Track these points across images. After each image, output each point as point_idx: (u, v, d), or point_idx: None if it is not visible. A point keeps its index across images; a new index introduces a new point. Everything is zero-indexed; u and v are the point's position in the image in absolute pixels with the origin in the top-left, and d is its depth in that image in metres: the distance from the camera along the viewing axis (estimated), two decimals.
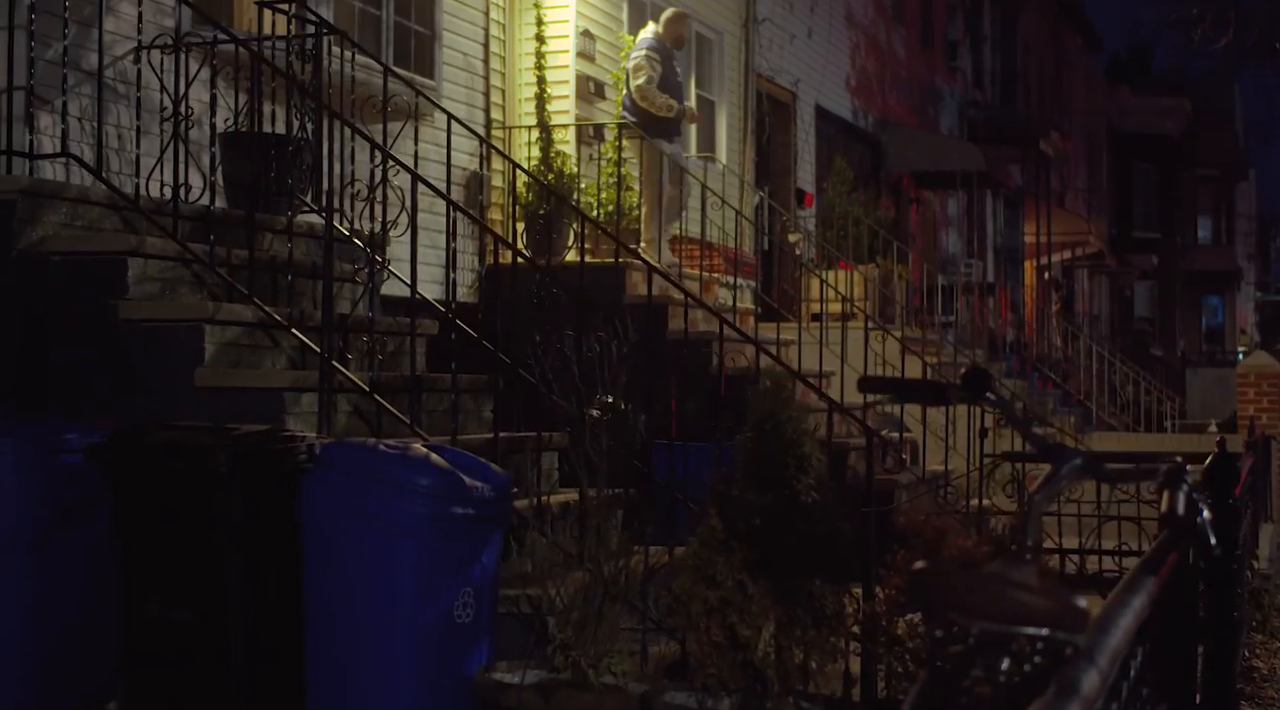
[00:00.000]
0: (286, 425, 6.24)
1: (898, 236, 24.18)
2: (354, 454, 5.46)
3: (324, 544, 5.40)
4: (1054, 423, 21.58)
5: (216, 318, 6.57)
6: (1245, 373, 17.51)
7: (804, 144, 20.08)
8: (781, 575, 5.03)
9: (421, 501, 5.27)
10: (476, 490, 5.43)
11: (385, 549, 5.29)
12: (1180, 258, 50.10)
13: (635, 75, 13.22)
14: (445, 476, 5.35)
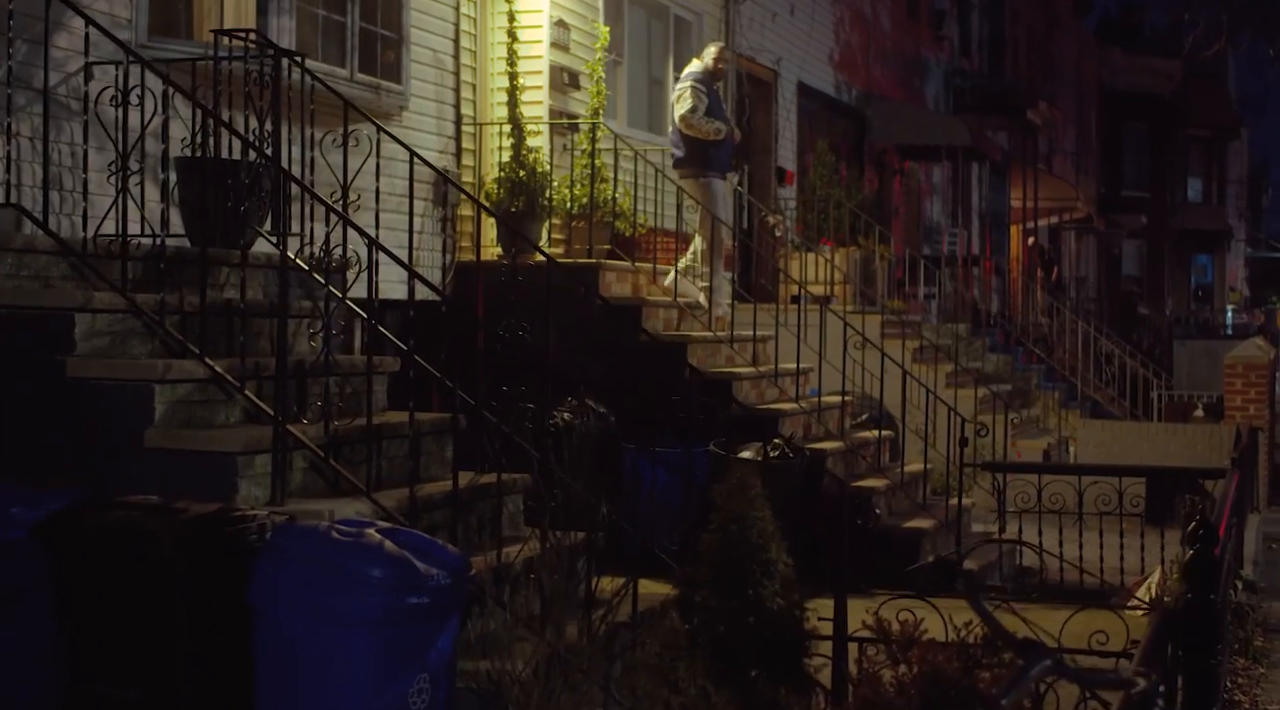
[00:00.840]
0: (239, 489, 6.07)
1: (881, 208, 23.99)
2: (305, 540, 5.28)
3: (274, 630, 5.23)
4: (1039, 399, 21.46)
5: (166, 377, 6.36)
6: (1233, 363, 17.35)
7: (785, 122, 19.83)
8: (745, 685, 4.86)
9: (374, 593, 5.11)
10: (431, 578, 5.24)
11: (336, 638, 5.12)
12: (1170, 217, 49.87)
13: (679, 105, 13.20)
14: (398, 566, 5.17)
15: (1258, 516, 16.44)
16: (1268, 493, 18.85)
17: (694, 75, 13.41)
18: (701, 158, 13.22)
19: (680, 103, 13.24)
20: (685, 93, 13.25)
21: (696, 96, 13.15)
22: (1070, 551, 11.64)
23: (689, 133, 13.13)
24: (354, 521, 5.52)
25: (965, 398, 15.60)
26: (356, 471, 6.51)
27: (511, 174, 12.41)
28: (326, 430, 6.48)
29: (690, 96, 13.17)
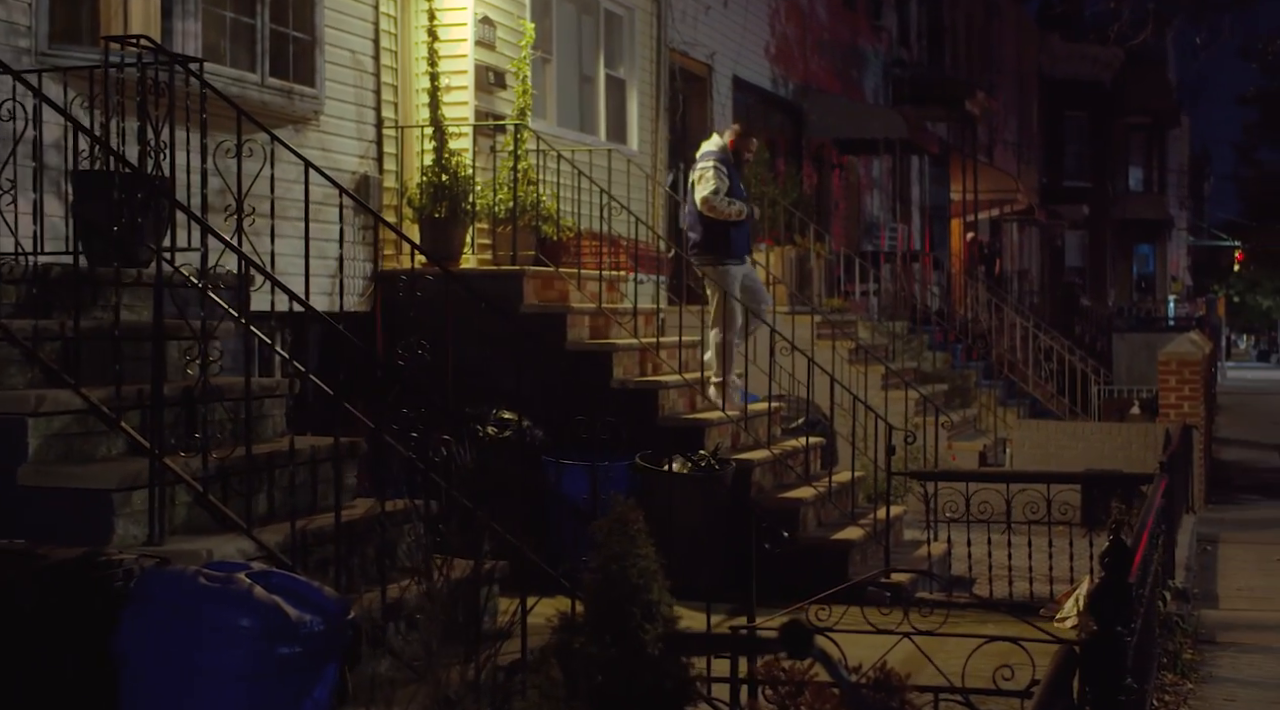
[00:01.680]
0: (116, 528, 5.81)
1: (820, 204, 23.82)
2: (171, 587, 5.03)
3: (139, 682, 4.99)
4: (977, 398, 21.35)
5: (40, 409, 6.08)
6: (1167, 360, 17.24)
7: (721, 118, 19.60)
8: None
9: (240, 644, 4.87)
10: (304, 625, 5.01)
11: (201, 692, 4.88)
12: (1111, 206, 49.97)
13: (701, 186, 12.75)
14: (268, 614, 4.94)
15: (1192, 517, 16.37)
16: (1204, 491, 18.80)
17: (713, 154, 12.92)
18: (722, 242, 12.72)
19: (701, 184, 12.72)
20: (707, 173, 12.73)
21: (719, 177, 12.67)
22: (1013, 559, 11.53)
23: (710, 215, 12.63)
24: (226, 564, 5.28)
25: (902, 399, 15.46)
26: (248, 503, 6.26)
27: (434, 178, 12.15)
28: (205, 462, 6.22)
29: (713, 177, 12.66)
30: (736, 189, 12.96)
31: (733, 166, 12.99)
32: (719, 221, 12.65)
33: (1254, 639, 10.84)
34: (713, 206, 12.60)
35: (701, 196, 12.65)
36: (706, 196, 12.62)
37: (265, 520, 6.37)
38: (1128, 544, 5.94)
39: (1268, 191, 28.59)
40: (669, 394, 11.67)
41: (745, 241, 13.12)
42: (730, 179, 12.81)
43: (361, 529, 6.54)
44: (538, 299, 11.95)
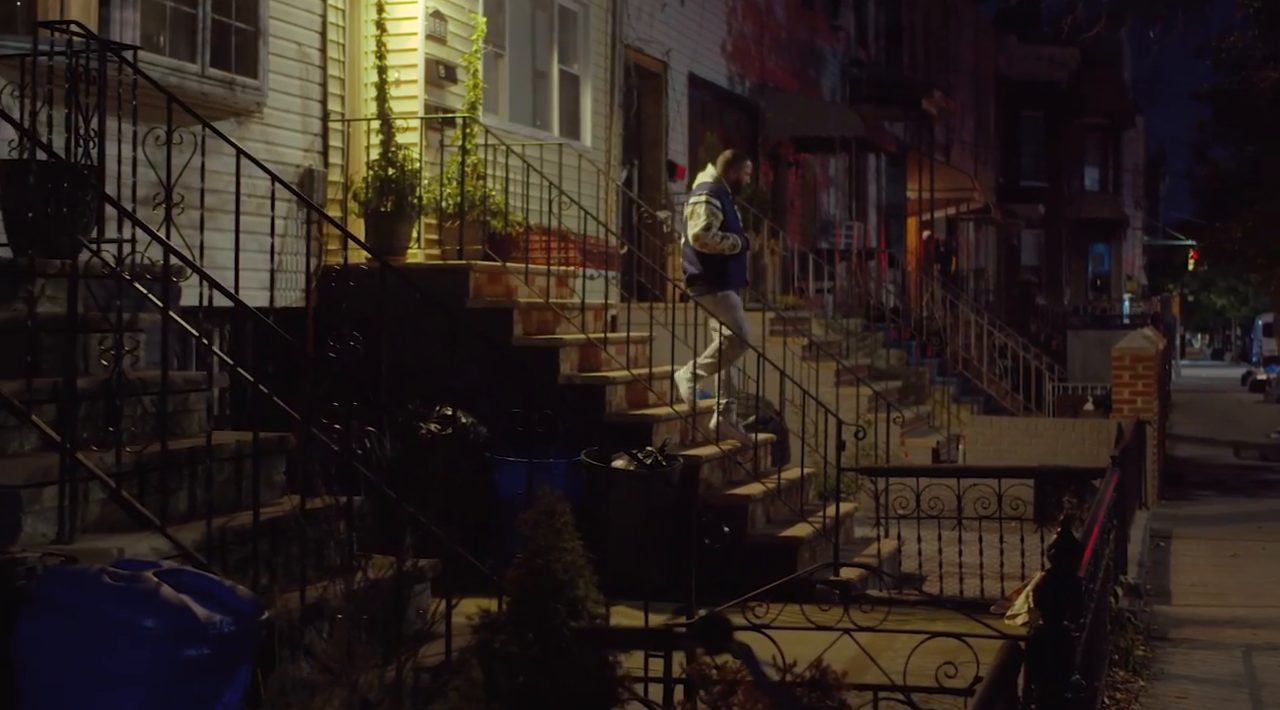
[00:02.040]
0: (24, 526, 5.63)
1: (776, 202, 23.74)
2: (73, 586, 4.87)
3: (37, 685, 4.82)
4: (931, 395, 21.30)
5: None
6: (1121, 355, 17.20)
7: (676, 114, 19.52)
8: None
9: (145, 645, 4.71)
10: (213, 626, 4.86)
11: (103, 695, 4.72)
12: (1067, 206, 50.09)
13: (693, 222, 12.47)
14: (174, 614, 4.78)
15: (1146, 513, 16.34)
16: (1158, 487, 18.79)
17: (706, 187, 12.65)
18: (718, 274, 12.47)
19: (694, 220, 12.45)
20: (699, 209, 12.45)
21: (710, 212, 12.38)
22: (965, 556, 11.46)
23: (703, 251, 12.40)
24: (135, 563, 5.12)
25: (855, 396, 15.39)
26: (166, 500, 6.10)
27: (380, 172, 12.02)
28: (119, 457, 6.05)
29: (704, 213, 12.38)
30: (732, 220, 12.68)
31: (728, 197, 12.73)
32: (715, 256, 12.41)
33: (1207, 635, 10.79)
34: (705, 242, 12.34)
35: (693, 233, 12.38)
36: (698, 233, 12.34)
37: (185, 518, 6.22)
38: (1077, 538, 5.86)
39: (1221, 189, 28.65)
40: (617, 390, 11.56)
41: (743, 270, 12.92)
42: (724, 212, 12.53)
43: (286, 526, 6.39)
44: (484, 294, 11.81)
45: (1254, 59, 20.36)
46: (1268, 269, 25.15)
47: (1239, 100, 22.66)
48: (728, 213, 12.62)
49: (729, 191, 12.81)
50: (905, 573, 12.50)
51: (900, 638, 6.35)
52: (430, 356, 11.39)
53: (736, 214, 12.98)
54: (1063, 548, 5.83)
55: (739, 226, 12.91)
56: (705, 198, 12.52)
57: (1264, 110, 21.67)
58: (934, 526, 11.73)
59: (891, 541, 12.28)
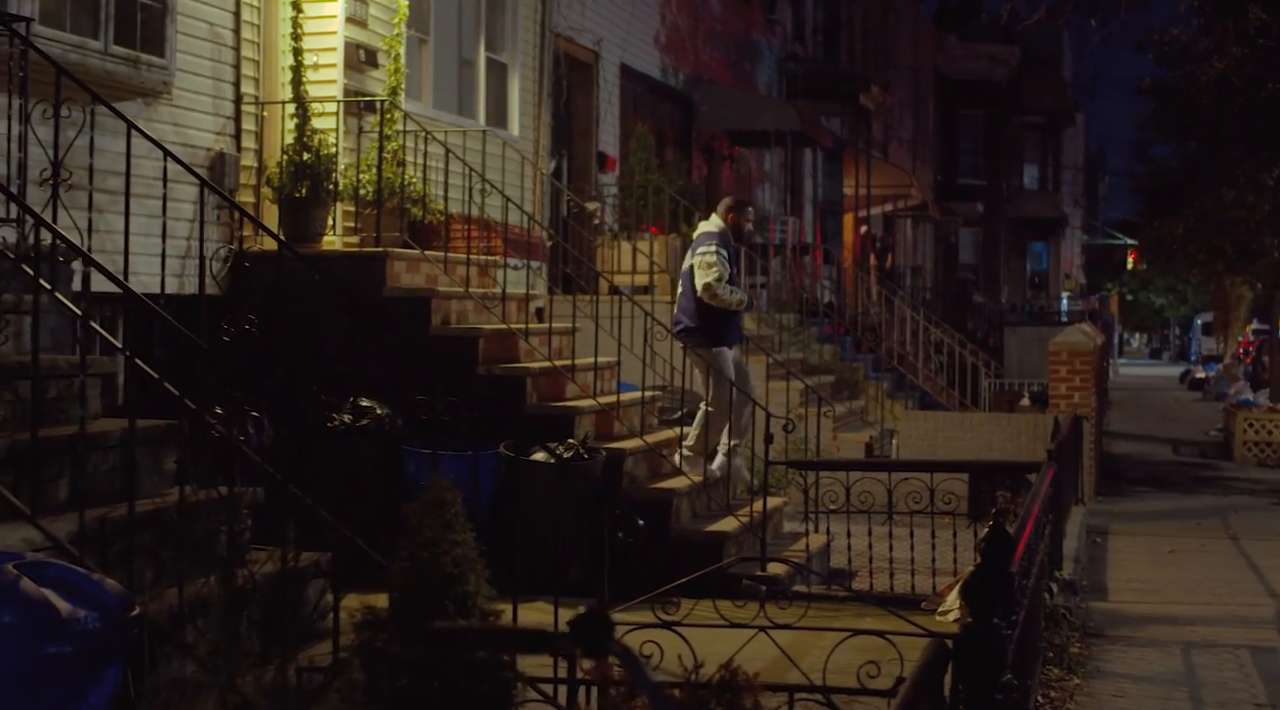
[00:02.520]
0: None
1: (711, 195, 23.42)
2: None
3: None
4: (866, 390, 21.05)
5: None
6: (1058, 350, 16.97)
7: (607, 105, 19.18)
8: None
9: (2, 641, 4.33)
10: (77, 621, 4.49)
11: None
12: (1006, 204, 50.06)
13: (703, 273, 11.86)
14: (35, 610, 4.42)
15: (1083, 509, 16.11)
16: (1095, 483, 18.59)
17: (713, 236, 12.05)
18: (717, 329, 11.95)
19: (703, 270, 11.86)
20: (709, 258, 11.86)
21: (721, 263, 11.85)
22: (896, 552, 11.17)
23: (711, 303, 11.84)
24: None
25: (786, 390, 15.10)
26: (41, 489, 5.72)
27: (295, 157, 11.63)
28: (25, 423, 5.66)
29: (715, 263, 11.82)
30: (732, 266, 12.23)
31: (732, 248, 12.24)
32: (714, 308, 11.88)
33: (1145, 632, 10.54)
34: (715, 294, 11.79)
35: (704, 283, 11.81)
36: (709, 283, 11.78)
37: (65, 508, 5.84)
38: (1009, 530, 5.56)
39: (1161, 187, 28.57)
40: (538, 381, 11.20)
41: (738, 328, 12.44)
42: (730, 264, 12.07)
43: (173, 518, 6.02)
44: (402, 283, 11.44)
45: (1196, 52, 20.23)
46: (1209, 265, 25.02)
47: (1181, 95, 22.53)
48: (732, 264, 12.17)
49: (732, 241, 12.29)
50: (835, 568, 12.21)
51: (828, 636, 6.05)
52: (346, 346, 11.02)
53: (735, 265, 12.47)
54: (994, 541, 5.52)
55: (734, 277, 12.40)
56: (715, 248, 11.92)
57: (1207, 105, 21.54)
58: (865, 522, 11.47)
59: (821, 536, 11.97)
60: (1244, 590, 12.36)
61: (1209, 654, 9.77)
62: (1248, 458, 24.54)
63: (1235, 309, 53.44)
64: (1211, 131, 21.16)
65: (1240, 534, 15.68)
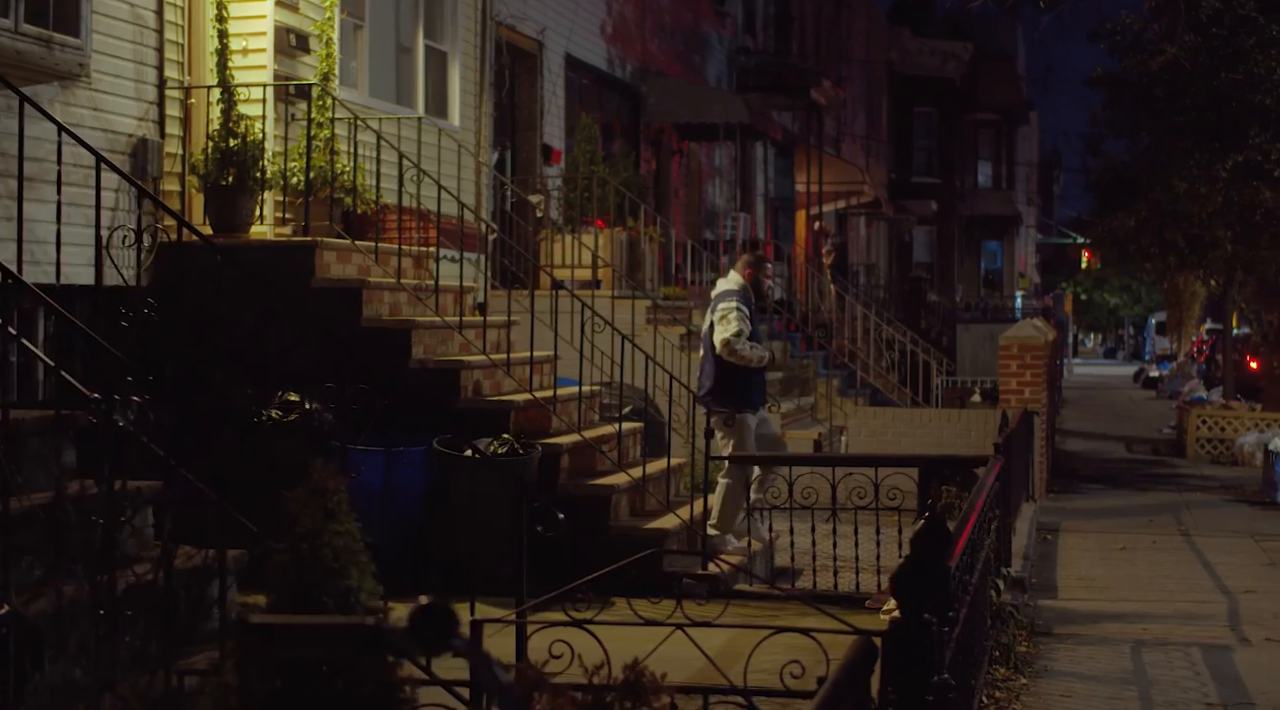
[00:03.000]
0: None
1: (660, 190, 23.13)
2: None
3: None
4: (817, 387, 20.76)
5: None
6: (1008, 344, 16.69)
7: (552, 96, 18.83)
8: None
9: None
10: None
11: None
12: (960, 202, 49.92)
13: (721, 328, 11.50)
14: None
15: (1033, 505, 15.86)
16: (1046, 479, 18.35)
17: (733, 293, 11.68)
18: (740, 392, 11.50)
19: (723, 325, 11.47)
20: (729, 315, 11.48)
21: (741, 319, 11.44)
22: (841, 549, 10.90)
23: (730, 359, 11.43)
24: None
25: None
26: None
27: (221, 144, 11.25)
28: None
29: (735, 319, 11.41)
30: (756, 331, 11.89)
31: (753, 304, 11.85)
32: (736, 367, 11.49)
33: (1092, 630, 10.27)
34: (733, 350, 11.39)
35: (722, 339, 11.44)
36: (728, 339, 11.39)
37: None
38: (943, 521, 5.25)
39: (1113, 182, 28.35)
40: (473, 374, 10.86)
41: (762, 390, 12.01)
42: (752, 321, 11.68)
43: (66, 513, 5.65)
44: (333, 274, 11.08)
45: (1148, 40, 20.00)
46: (1161, 259, 24.79)
47: (1133, 86, 22.30)
48: (753, 321, 11.76)
49: (753, 298, 11.90)
50: (781, 567, 11.91)
51: (759, 634, 5.74)
52: (274, 339, 10.69)
53: (756, 320, 12.07)
54: (926, 533, 5.22)
55: (758, 335, 12.06)
56: (735, 305, 11.54)
57: (1159, 95, 21.33)
58: (812, 519, 11.14)
59: (767, 533, 11.67)
60: (1195, 587, 12.12)
61: (1159, 652, 9.51)
62: (1200, 455, 24.37)
63: (1189, 307, 53.36)
64: (1163, 122, 20.92)
65: (1192, 530, 15.46)
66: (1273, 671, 9.09)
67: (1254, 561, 13.48)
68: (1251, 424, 24.27)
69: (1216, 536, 15.02)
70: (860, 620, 6.33)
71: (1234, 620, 10.57)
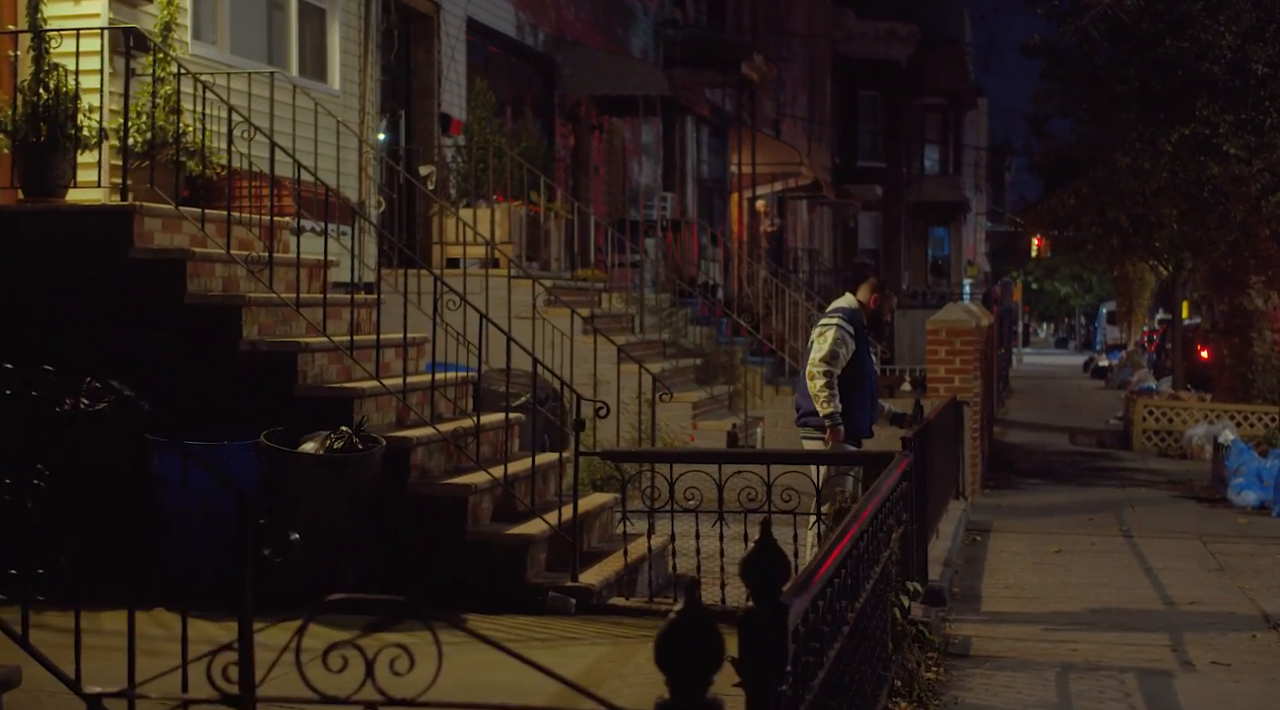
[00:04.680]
0: None
1: (577, 168, 21.80)
2: None
3: None
4: (742, 375, 19.50)
5: None
6: (936, 329, 15.39)
7: (451, 62, 17.46)
8: None
9: None
10: None
11: None
12: (906, 188, 48.78)
13: (819, 345, 10.16)
14: None
15: (963, 503, 14.63)
16: (980, 474, 17.12)
17: (840, 312, 10.29)
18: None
19: (820, 343, 10.10)
20: (828, 333, 10.06)
21: (842, 343, 10.01)
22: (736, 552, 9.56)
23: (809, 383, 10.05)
24: None
25: (637, 374, 13.46)
26: None
27: (30, 97, 9.88)
28: None
29: (831, 339, 10.00)
30: (869, 363, 10.35)
31: (865, 332, 10.36)
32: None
33: (1016, 650, 9.01)
34: (813, 376, 10.01)
35: (811, 358, 10.12)
36: (813, 361, 10.07)
37: None
38: (776, 546, 3.95)
39: (1057, 163, 27.30)
40: (314, 358, 9.52)
41: (867, 422, 10.55)
42: (862, 353, 10.19)
43: None
44: (158, 243, 9.73)
45: (1085, 3, 18.76)
46: (1104, 240, 23.57)
47: (1072, 53, 21.05)
48: (860, 348, 10.18)
49: (865, 324, 10.38)
50: (680, 574, 10.55)
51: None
52: (87, 316, 9.37)
53: (871, 356, 10.54)
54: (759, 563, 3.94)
55: (872, 372, 10.50)
56: (837, 321, 10.10)
57: (1100, 64, 20.08)
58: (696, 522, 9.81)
59: (659, 538, 10.29)
60: (1135, 597, 10.88)
61: (1090, 679, 8.23)
62: (1147, 447, 23.24)
63: (1139, 296, 52.51)
64: (1105, 92, 19.66)
65: (1135, 531, 14.24)
66: (1219, 704, 7.84)
67: (1201, 567, 12.26)
68: (1200, 415, 23.14)
69: (1161, 538, 13.81)
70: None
71: (1177, 639, 9.29)
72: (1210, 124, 17.62)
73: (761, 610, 3.92)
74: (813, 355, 10.13)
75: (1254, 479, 16.25)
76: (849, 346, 10.07)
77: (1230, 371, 26.51)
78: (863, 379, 10.20)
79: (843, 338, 10.03)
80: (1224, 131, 17.56)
